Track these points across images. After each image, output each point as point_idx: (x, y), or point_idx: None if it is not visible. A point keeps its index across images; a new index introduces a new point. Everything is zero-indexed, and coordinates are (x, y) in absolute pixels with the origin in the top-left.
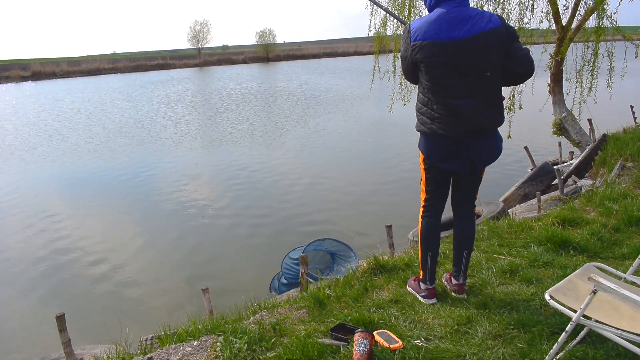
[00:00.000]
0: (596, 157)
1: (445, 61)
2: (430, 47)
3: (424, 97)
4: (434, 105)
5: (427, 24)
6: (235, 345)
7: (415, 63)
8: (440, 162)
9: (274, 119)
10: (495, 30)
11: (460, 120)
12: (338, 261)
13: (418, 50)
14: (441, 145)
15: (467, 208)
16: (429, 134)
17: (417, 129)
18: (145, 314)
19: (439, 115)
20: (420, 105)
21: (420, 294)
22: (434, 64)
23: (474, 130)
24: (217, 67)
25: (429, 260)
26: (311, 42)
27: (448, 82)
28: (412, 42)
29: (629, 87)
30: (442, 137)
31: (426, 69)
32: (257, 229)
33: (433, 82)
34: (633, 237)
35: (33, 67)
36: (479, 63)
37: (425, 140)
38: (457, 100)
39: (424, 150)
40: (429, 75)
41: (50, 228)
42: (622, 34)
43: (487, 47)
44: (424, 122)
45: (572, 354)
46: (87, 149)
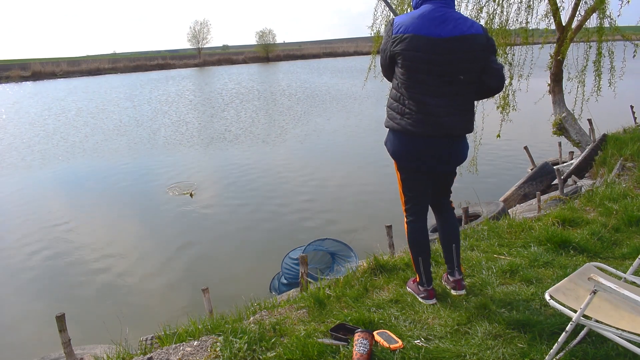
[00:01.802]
0: (596, 157)
1: (423, 57)
2: (411, 41)
3: (396, 92)
4: (405, 100)
5: (412, 18)
6: (235, 345)
7: (392, 56)
8: (408, 161)
9: (274, 118)
10: (477, 37)
11: (430, 118)
12: (338, 261)
13: (398, 43)
14: (408, 143)
15: (444, 203)
16: (397, 130)
17: (386, 124)
18: (145, 314)
19: (409, 111)
20: (392, 100)
21: (419, 295)
22: (411, 58)
23: (438, 133)
24: (217, 67)
25: (421, 264)
26: (311, 42)
27: (423, 78)
28: (394, 35)
29: (629, 87)
30: (410, 134)
31: (403, 62)
32: (257, 229)
33: (408, 77)
34: (633, 237)
35: (33, 67)
36: (456, 65)
37: (392, 137)
38: (429, 98)
39: (392, 148)
40: (405, 69)
41: (51, 228)
42: (621, 33)
43: (466, 51)
44: (393, 118)
45: (572, 354)
46: (87, 149)
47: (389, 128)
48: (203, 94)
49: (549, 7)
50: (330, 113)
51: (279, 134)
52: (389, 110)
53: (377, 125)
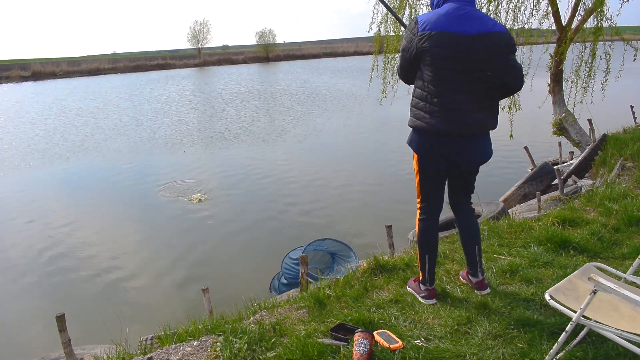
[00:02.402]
0: (596, 157)
1: (451, 54)
2: (439, 37)
3: (422, 91)
4: (434, 98)
5: (437, 16)
6: (235, 345)
7: (419, 54)
8: (433, 160)
9: (274, 118)
10: (501, 34)
11: (459, 115)
12: (338, 261)
13: (426, 40)
14: (434, 142)
15: (465, 205)
16: (424, 130)
17: (411, 124)
18: (145, 314)
19: (438, 109)
20: (418, 100)
21: (420, 294)
22: (440, 55)
23: (466, 130)
24: (217, 67)
25: (427, 263)
26: (311, 42)
27: (451, 75)
28: (420, 32)
29: (629, 87)
30: (436, 134)
31: (431, 60)
32: (257, 229)
33: (435, 74)
34: (633, 237)
35: (33, 67)
36: (483, 61)
37: (418, 137)
38: (458, 95)
39: (417, 147)
40: (433, 67)
41: (51, 228)
42: (620, 36)
43: (491, 47)
44: (421, 117)
45: (572, 354)
46: (88, 148)
47: (415, 128)
48: (203, 94)
49: (550, 7)
50: (330, 113)
51: (279, 133)
52: (414, 110)
53: (377, 125)
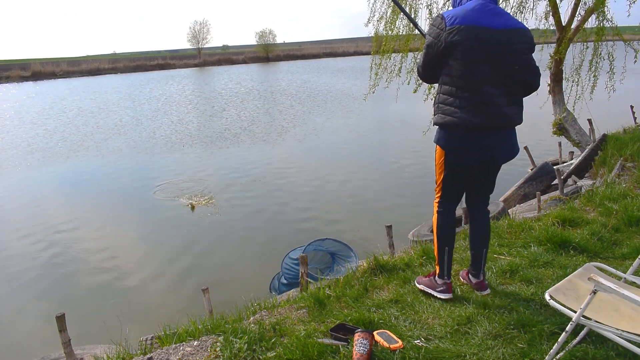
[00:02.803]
0: (596, 157)
1: (481, 47)
2: (469, 31)
3: (450, 87)
4: (465, 92)
5: (465, 11)
6: (235, 345)
7: (448, 49)
8: (462, 157)
9: (274, 117)
10: (525, 31)
11: (491, 109)
12: (338, 261)
13: (456, 33)
14: (464, 138)
15: (483, 206)
16: (455, 125)
17: (439, 121)
18: (145, 314)
19: (470, 102)
20: (445, 96)
21: (436, 289)
22: (471, 48)
23: (499, 123)
24: (217, 67)
25: (446, 255)
26: (311, 42)
27: (482, 68)
28: (449, 27)
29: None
30: (467, 128)
31: (462, 53)
32: (257, 229)
33: (466, 68)
34: (633, 237)
35: (33, 67)
36: (510, 55)
37: (447, 134)
38: (490, 88)
39: (446, 144)
40: (463, 60)
41: (51, 227)
42: (620, 37)
43: (519, 43)
44: (450, 113)
45: (572, 354)
46: (88, 148)
47: (444, 124)
48: (203, 94)
49: (549, 7)
50: (330, 112)
51: (278, 133)
52: (442, 107)
53: (377, 125)
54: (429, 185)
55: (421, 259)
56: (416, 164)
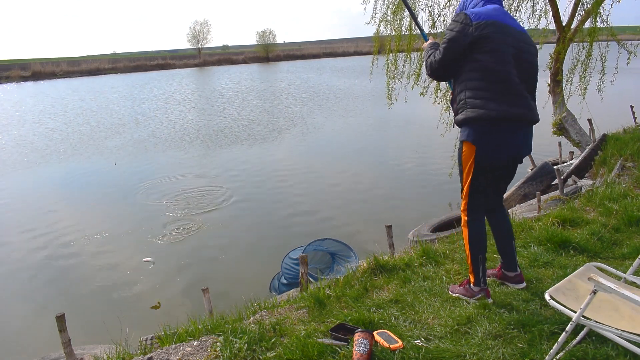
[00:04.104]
0: (596, 157)
1: (509, 42)
2: (497, 26)
3: (479, 81)
4: (497, 85)
5: (486, 9)
6: (235, 345)
7: (476, 43)
8: (493, 152)
9: (274, 117)
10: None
11: (521, 100)
12: (338, 261)
13: (484, 27)
14: (496, 131)
15: (501, 203)
16: (487, 117)
17: (470, 115)
18: (145, 314)
19: (502, 94)
20: (475, 91)
21: (474, 296)
22: (501, 41)
23: (530, 116)
24: (217, 67)
25: (480, 263)
26: (311, 42)
27: (510, 61)
28: (475, 22)
29: (629, 87)
30: (502, 119)
31: (492, 46)
32: (257, 229)
33: (497, 60)
34: (633, 237)
35: (33, 67)
36: (530, 55)
37: (479, 128)
38: (518, 81)
39: (477, 139)
40: (493, 53)
41: (51, 228)
42: (615, 37)
43: (533, 46)
44: (481, 106)
45: (572, 354)
46: (89, 148)
47: (476, 118)
48: (203, 94)
49: (549, 7)
50: (330, 112)
51: (279, 133)
52: (472, 101)
53: (377, 125)
54: (429, 185)
55: (421, 259)
56: (417, 164)
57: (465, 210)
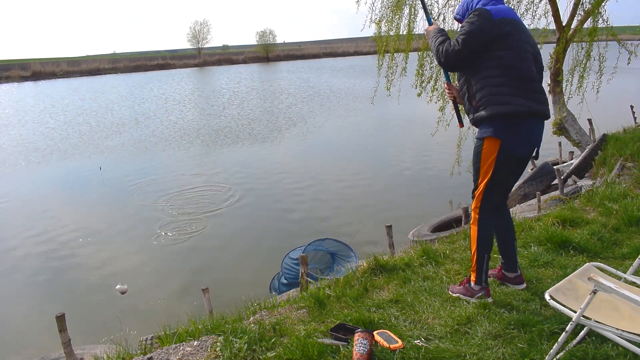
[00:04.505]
0: (596, 157)
1: (527, 40)
2: (516, 24)
3: (501, 78)
4: (519, 82)
5: (503, 8)
6: (235, 345)
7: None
8: (516, 147)
9: (274, 117)
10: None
11: (542, 97)
12: (338, 261)
13: (505, 25)
14: (521, 127)
15: (507, 200)
16: (512, 113)
17: (496, 111)
18: (145, 314)
19: (525, 91)
20: (497, 87)
21: (475, 295)
22: (520, 39)
23: (544, 113)
24: (217, 67)
25: (485, 262)
26: (311, 42)
27: (529, 58)
28: (496, 18)
29: (629, 87)
30: (527, 115)
31: (513, 43)
32: (257, 229)
33: (519, 57)
34: (633, 237)
35: (33, 67)
36: (539, 53)
37: (504, 123)
38: (536, 77)
39: (502, 134)
40: (513, 49)
41: (51, 227)
42: (615, 37)
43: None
44: (506, 102)
45: (572, 354)
46: (89, 148)
47: (501, 114)
48: (203, 94)
49: (550, 7)
50: (330, 112)
51: (279, 133)
52: (495, 98)
53: (377, 125)
54: (429, 185)
55: (421, 259)
56: (417, 163)
57: (477, 209)
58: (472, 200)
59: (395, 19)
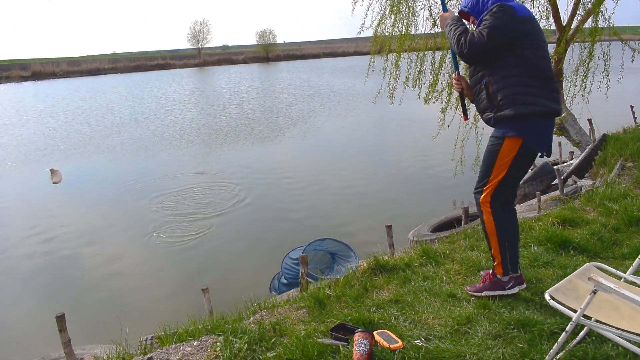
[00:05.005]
0: (596, 157)
1: (544, 39)
2: (535, 23)
3: (524, 77)
4: (542, 81)
5: (520, 4)
6: (235, 345)
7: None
8: (537, 146)
9: (274, 117)
10: None
11: (558, 96)
12: (338, 261)
13: (529, 23)
14: (543, 126)
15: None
16: (538, 113)
17: (523, 111)
18: (145, 314)
19: (546, 91)
20: (521, 87)
21: (506, 287)
22: (540, 38)
23: (560, 112)
24: (217, 67)
25: (507, 251)
26: (311, 42)
27: (546, 57)
28: (520, 15)
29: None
30: (545, 115)
31: (535, 43)
32: (257, 229)
33: (540, 56)
34: (633, 237)
35: (33, 67)
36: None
37: (529, 123)
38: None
39: (527, 133)
40: (537, 49)
41: (51, 228)
42: (618, 36)
43: None
44: (531, 102)
45: (572, 354)
46: (89, 148)
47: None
48: (203, 94)
49: (549, 7)
50: (330, 112)
51: (278, 133)
52: (519, 97)
53: (377, 124)
54: (429, 185)
55: (421, 259)
56: (417, 163)
57: (487, 203)
58: (476, 197)
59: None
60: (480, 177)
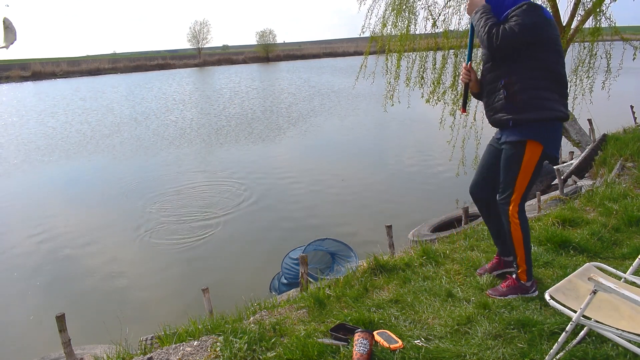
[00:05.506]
0: (596, 157)
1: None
2: (557, 28)
3: (547, 81)
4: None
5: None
6: (235, 345)
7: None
8: (555, 151)
9: (274, 117)
10: None
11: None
12: (338, 261)
13: (554, 27)
14: (559, 131)
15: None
16: (556, 119)
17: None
18: (145, 314)
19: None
20: (542, 92)
21: (530, 291)
22: (559, 44)
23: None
24: (217, 67)
25: (531, 257)
26: (311, 42)
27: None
28: (549, 19)
29: (629, 87)
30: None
31: (557, 46)
32: (257, 229)
33: (559, 61)
34: (633, 237)
35: (33, 67)
36: None
37: (548, 129)
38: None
39: (546, 139)
40: (557, 53)
41: (51, 228)
42: (620, 35)
43: None
44: (551, 107)
45: (572, 354)
46: (88, 149)
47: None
48: (203, 94)
49: (549, 7)
50: (330, 111)
51: (278, 133)
52: (542, 102)
53: (377, 124)
54: (429, 185)
55: (421, 259)
56: (417, 163)
57: (517, 213)
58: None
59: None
60: (504, 187)
